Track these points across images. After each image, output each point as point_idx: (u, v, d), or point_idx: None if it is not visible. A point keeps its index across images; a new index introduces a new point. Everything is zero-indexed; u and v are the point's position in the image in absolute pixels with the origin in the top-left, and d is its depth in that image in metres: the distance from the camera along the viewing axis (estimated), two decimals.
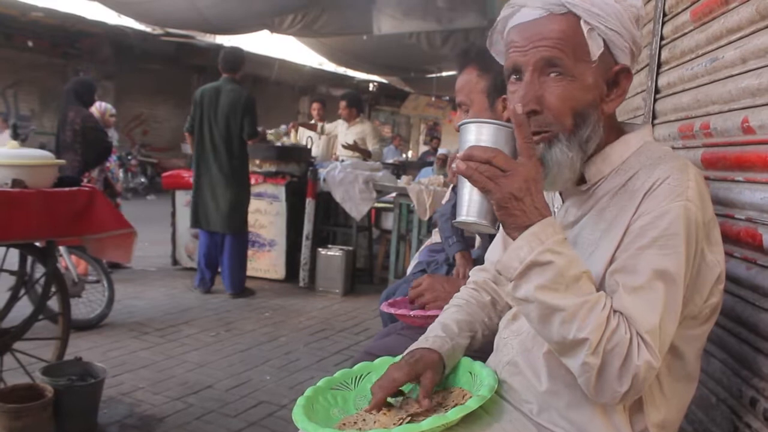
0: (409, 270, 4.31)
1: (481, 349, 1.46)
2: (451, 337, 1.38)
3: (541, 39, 1.14)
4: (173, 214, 6.59)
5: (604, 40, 1.15)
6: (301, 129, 7.64)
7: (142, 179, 14.09)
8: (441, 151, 10.73)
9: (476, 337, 1.45)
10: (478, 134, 1.10)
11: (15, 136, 3.09)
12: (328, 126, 7.46)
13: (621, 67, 1.19)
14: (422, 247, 4.69)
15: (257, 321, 4.96)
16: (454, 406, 1.18)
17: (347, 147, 6.82)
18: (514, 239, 1.08)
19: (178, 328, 4.64)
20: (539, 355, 1.23)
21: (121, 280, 5.67)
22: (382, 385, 1.25)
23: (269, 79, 14.68)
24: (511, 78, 1.21)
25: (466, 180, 1.09)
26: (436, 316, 1.74)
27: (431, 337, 1.37)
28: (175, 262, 6.64)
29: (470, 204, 1.11)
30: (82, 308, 4.52)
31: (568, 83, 1.15)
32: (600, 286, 1.09)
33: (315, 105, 7.54)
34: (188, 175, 6.50)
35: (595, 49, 1.15)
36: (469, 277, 1.59)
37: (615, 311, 1.05)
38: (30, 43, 12.83)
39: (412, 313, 1.84)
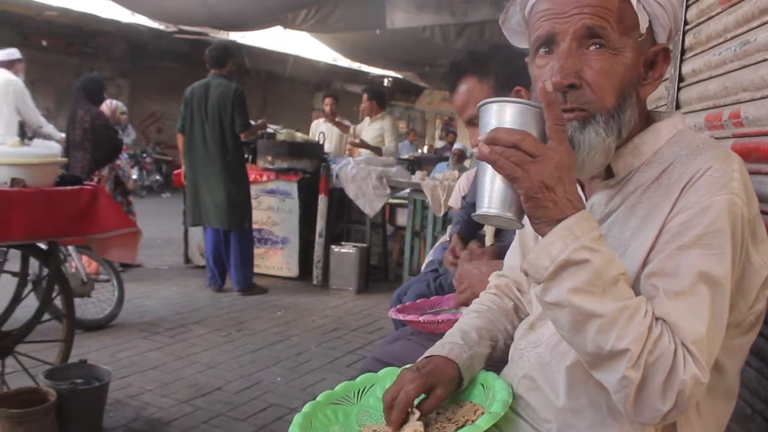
0: (423, 268, 4.24)
1: (499, 360, 1.35)
2: (470, 346, 1.26)
3: (584, 5, 1.01)
4: (185, 212, 6.52)
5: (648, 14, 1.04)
6: (313, 124, 7.59)
7: (157, 177, 14.10)
8: (456, 146, 10.63)
9: (497, 346, 1.33)
10: (501, 115, 0.96)
11: (22, 134, 3.04)
12: (358, 126, 7.38)
13: (661, 47, 1.07)
14: (437, 244, 4.61)
15: (269, 320, 4.89)
16: (464, 424, 1.08)
17: (355, 145, 6.74)
18: (543, 235, 0.95)
19: (188, 327, 4.57)
20: (560, 369, 1.10)
21: (133, 279, 5.63)
22: (399, 402, 1.12)
23: (283, 75, 14.63)
24: (540, 51, 1.08)
25: (488, 167, 0.95)
26: (447, 321, 1.64)
27: (448, 344, 1.25)
28: (187, 260, 6.58)
29: (492, 194, 0.97)
30: (92, 308, 4.47)
31: (610, 57, 1.02)
32: (634, 291, 0.96)
33: (327, 100, 7.46)
34: None
35: (643, 22, 1.03)
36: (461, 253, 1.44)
37: (657, 319, 0.92)
38: (45, 43, 12.86)
39: (421, 318, 1.74)
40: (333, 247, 5.94)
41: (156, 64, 14.74)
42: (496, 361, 1.33)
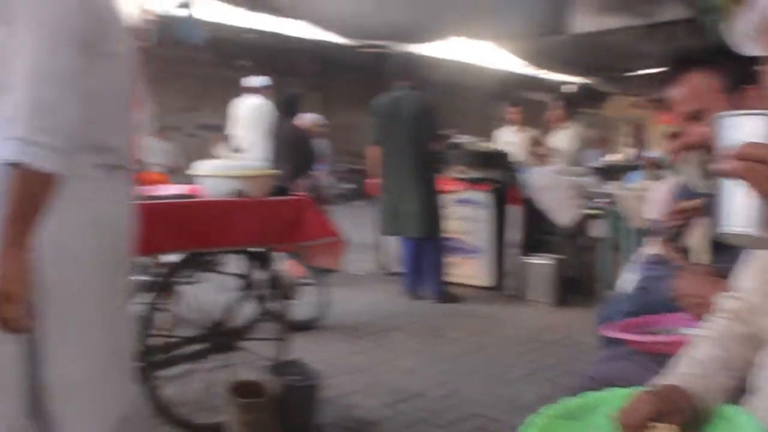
0: (622, 281, 4.00)
1: (737, 390, 1.20)
2: (704, 376, 1.13)
3: None
4: (379, 221, 6.71)
5: None
6: (498, 132, 7.53)
7: (349, 185, 14.65)
8: (651, 154, 10.03)
9: (736, 376, 1.17)
10: (747, 128, 0.90)
11: (235, 150, 3.26)
12: (547, 135, 7.24)
13: None
14: (636, 257, 4.33)
15: (465, 329, 4.86)
16: None
17: (542, 155, 6.56)
18: None
19: (388, 333, 4.67)
20: None
21: (333, 283, 5.83)
22: (635, 422, 1.04)
23: (461, 84, 14.68)
24: None
25: (733, 184, 0.89)
26: (675, 343, 1.49)
27: (682, 374, 1.14)
28: (382, 267, 6.76)
29: (742, 212, 0.90)
30: (298, 310, 4.70)
31: None
32: None
33: (512, 109, 7.35)
34: None
35: None
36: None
37: None
38: (245, 62, 13.93)
39: (645, 338, 1.60)
40: (527, 258, 5.81)
41: (344, 77, 15.39)
42: (735, 392, 1.18)
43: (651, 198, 5.11)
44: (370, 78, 16.20)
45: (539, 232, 6.32)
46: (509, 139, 7.20)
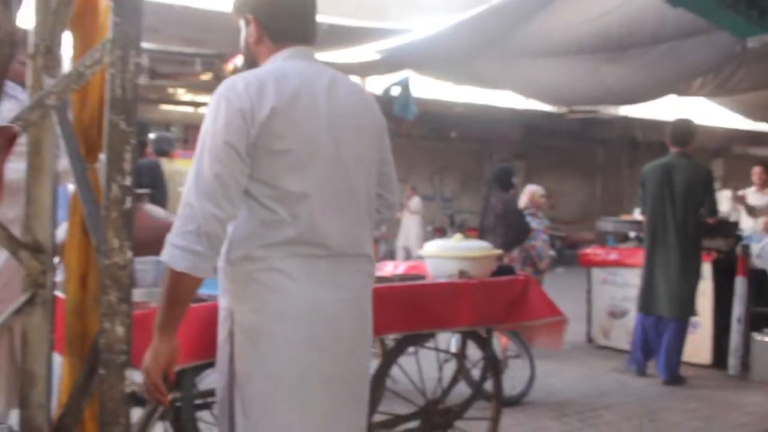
0: None
1: None
2: None
3: None
4: (588, 291, 6.56)
5: None
6: (722, 198, 7.07)
7: (551, 252, 14.46)
8: None
9: None
10: None
11: (452, 224, 3.40)
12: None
13: None
14: None
15: (683, 412, 4.56)
16: None
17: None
18: None
19: (597, 412, 4.52)
20: None
21: (537, 356, 5.75)
22: None
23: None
24: None
25: None
26: None
27: None
28: (590, 339, 6.56)
29: None
30: (505, 384, 4.68)
31: None
32: None
33: (756, 169, 6.90)
34: (604, 253, 6.44)
35: None
36: None
37: None
38: (453, 134, 14.50)
39: None
40: (754, 334, 5.36)
41: (548, 143, 15.41)
42: None
43: None
44: (574, 143, 16.18)
45: None
46: (754, 202, 6.77)
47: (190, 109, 11.91)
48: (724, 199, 6.87)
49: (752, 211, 6.57)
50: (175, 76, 10.37)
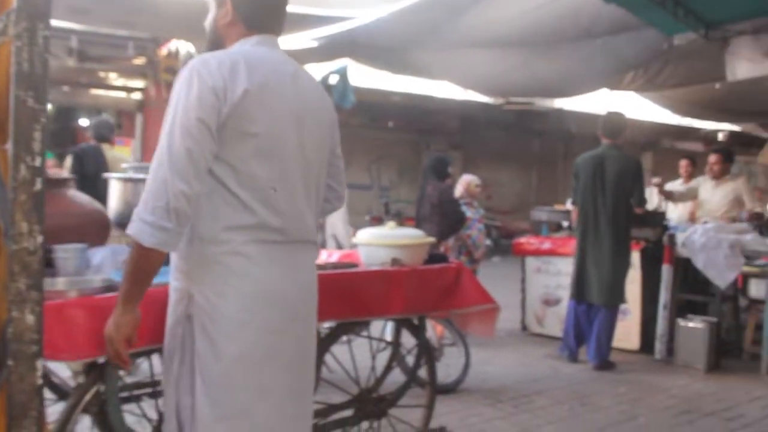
0: None
1: None
2: None
3: None
4: (523, 280, 6.67)
5: None
6: (649, 190, 7.28)
7: (488, 242, 14.66)
8: None
9: None
10: None
11: (387, 212, 3.39)
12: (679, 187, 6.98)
13: None
14: None
15: (613, 396, 4.69)
16: None
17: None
18: None
19: (530, 398, 4.60)
20: None
21: (473, 343, 5.82)
22: None
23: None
24: None
25: None
26: None
27: None
28: (524, 327, 6.68)
29: None
30: (440, 372, 4.69)
31: None
32: None
33: (683, 163, 7.14)
34: (538, 242, 6.55)
35: None
36: None
37: None
38: (391, 124, 14.51)
39: None
40: (679, 320, 5.55)
41: (485, 134, 15.60)
42: None
43: None
44: (509, 134, 16.41)
45: (694, 292, 6.03)
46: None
47: (122, 94, 11.55)
48: (653, 194, 7.06)
49: (670, 196, 6.78)
50: (107, 59, 10.05)
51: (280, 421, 1.87)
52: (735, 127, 15.68)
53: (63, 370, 2.71)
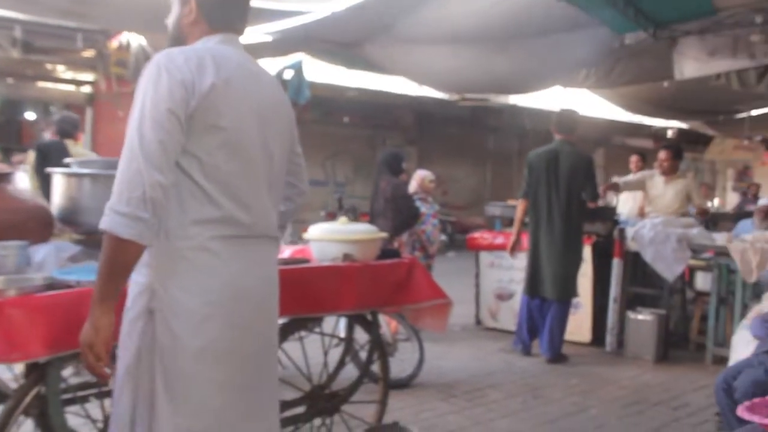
0: (737, 340, 3.83)
1: None
2: None
3: None
4: (477, 275, 6.72)
5: None
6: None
7: (443, 237, 14.74)
8: (763, 201, 9.57)
9: None
10: None
11: (340, 208, 3.37)
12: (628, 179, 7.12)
13: None
14: (751, 315, 4.15)
15: (564, 388, 4.77)
16: None
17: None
18: None
19: (484, 392, 4.64)
20: None
21: (427, 338, 5.84)
22: None
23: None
24: None
25: None
26: None
27: None
28: (478, 322, 6.73)
29: None
30: (394, 367, 4.71)
31: None
32: None
33: (633, 158, 7.30)
34: (491, 237, 6.60)
35: None
36: None
37: None
38: (346, 119, 14.45)
39: None
40: (629, 313, 5.66)
41: (440, 130, 15.66)
42: None
43: None
44: (465, 130, 16.51)
45: (642, 285, 6.16)
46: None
47: (71, 87, 11.24)
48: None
49: (616, 188, 6.90)
50: (54, 51, 9.75)
51: (241, 416, 1.87)
52: (683, 125, 16.03)
53: (4, 372, 2.63)
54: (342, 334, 3.60)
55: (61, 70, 10.82)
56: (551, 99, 12.26)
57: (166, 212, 1.73)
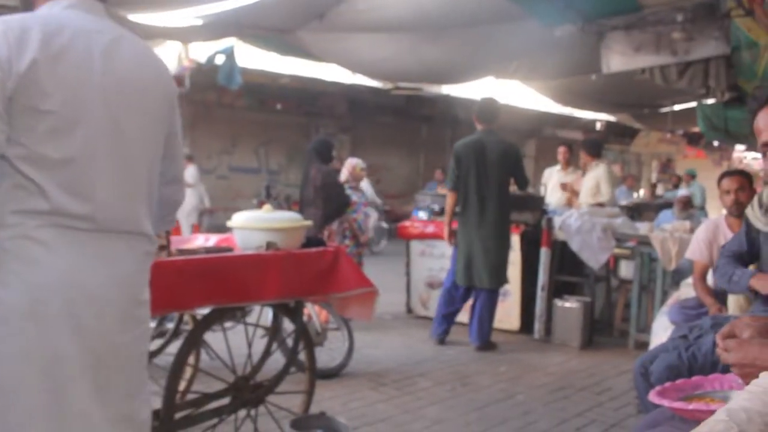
0: (657, 326, 3.96)
1: None
2: (739, 424, 1.11)
3: None
4: (408, 264, 6.73)
5: None
6: (546, 172, 7.62)
7: (384, 225, 14.74)
8: (681, 192, 9.93)
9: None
10: None
11: (267, 196, 3.30)
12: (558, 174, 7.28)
13: None
14: (669, 301, 4.30)
15: (493, 375, 4.82)
16: None
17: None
18: None
19: (413, 380, 4.65)
20: None
21: (358, 327, 5.80)
22: None
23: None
24: None
25: None
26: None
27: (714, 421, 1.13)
28: (409, 310, 6.75)
29: None
30: (324, 357, 4.69)
31: None
32: None
33: (561, 149, 7.44)
34: (422, 226, 6.61)
35: None
36: None
37: None
38: (279, 106, 14.26)
39: (691, 407, 1.58)
40: (556, 300, 5.78)
41: (374, 119, 15.65)
42: None
43: (686, 240, 5.08)
44: (398, 119, 16.55)
45: (569, 274, 6.30)
46: (559, 180, 7.30)
47: None
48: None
49: (564, 188, 7.07)
50: None
51: (87, 426, 1.65)
52: (611, 117, 16.48)
53: None
54: (269, 323, 3.54)
55: None
56: (483, 89, 12.41)
57: None
